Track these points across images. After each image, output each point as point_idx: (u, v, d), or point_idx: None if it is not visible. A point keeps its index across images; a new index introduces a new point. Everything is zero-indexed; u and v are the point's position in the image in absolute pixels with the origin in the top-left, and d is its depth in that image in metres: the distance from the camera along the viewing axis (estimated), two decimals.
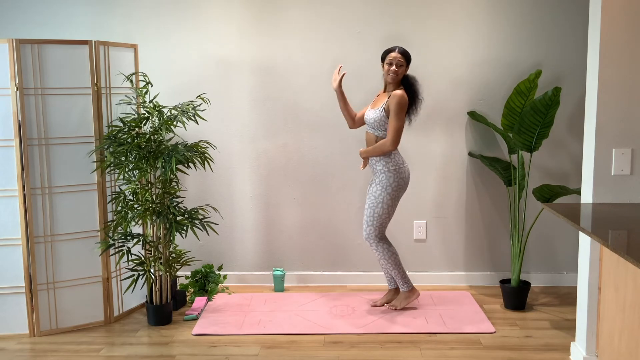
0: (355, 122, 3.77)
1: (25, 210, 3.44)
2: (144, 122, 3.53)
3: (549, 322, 3.65)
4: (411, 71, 4.11)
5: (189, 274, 4.21)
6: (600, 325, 2.75)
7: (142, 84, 3.77)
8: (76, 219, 3.56)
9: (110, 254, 3.66)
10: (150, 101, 3.60)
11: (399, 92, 3.50)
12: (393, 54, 3.52)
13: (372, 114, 3.58)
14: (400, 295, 3.78)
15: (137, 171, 3.51)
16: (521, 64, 4.10)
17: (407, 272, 3.82)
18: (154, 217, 3.54)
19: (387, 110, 3.53)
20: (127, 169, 3.48)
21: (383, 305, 3.81)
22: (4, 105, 3.39)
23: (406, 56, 3.54)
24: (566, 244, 4.25)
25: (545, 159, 4.17)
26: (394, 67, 3.51)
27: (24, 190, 3.43)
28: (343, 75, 3.61)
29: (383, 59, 3.58)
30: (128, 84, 3.68)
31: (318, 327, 3.56)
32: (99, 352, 3.31)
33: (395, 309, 3.75)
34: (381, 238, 3.65)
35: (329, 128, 4.18)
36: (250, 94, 4.21)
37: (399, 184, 3.58)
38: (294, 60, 4.16)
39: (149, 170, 3.52)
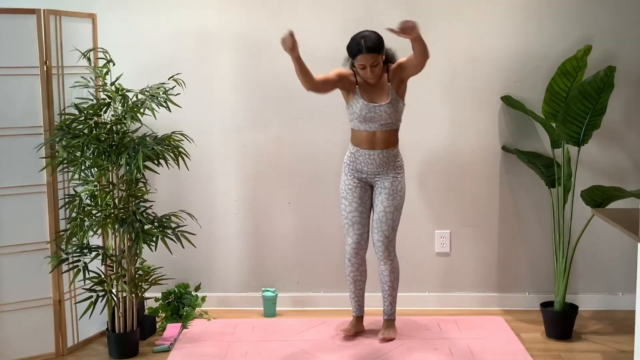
0: (315, 84, 3.54)
1: None
2: (104, 109, 3.53)
3: (601, 355, 3.64)
4: (431, 48, 4.12)
5: (159, 295, 4.20)
6: None
7: (101, 63, 3.76)
8: (21, 227, 3.55)
9: (63, 271, 3.66)
10: (112, 83, 3.59)
11: (394, 64, 3.61)
12: (362, 57, 3.48)
13: (386, 109, 3.57)
14: (391, 322, 3.85)
15: (96, 169, 3.51)
16: (567, 38, 4.09)
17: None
18: (116, 226, 3.54)
19: (396, 88, 3.59)
20: (83, 167, 3.47)
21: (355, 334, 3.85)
22: None
23: (378, 49, 3.50)
24: (622, 259, 4.25)
25: (597, 154, 4.17)
26: (368, 71, 3.50)
27: None
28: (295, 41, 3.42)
29: (351, 56, 3.54)
30: (84, 62, 3.67)
31: None
32: None
33: (393, 340, 3.79)
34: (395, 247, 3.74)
35: (331, 117, 4.18)
36: (236, 75, 4.20)
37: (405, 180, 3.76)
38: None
39: (110, 169, 3.51)
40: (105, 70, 3.62)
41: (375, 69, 3.51)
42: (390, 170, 3.67)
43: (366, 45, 3.46)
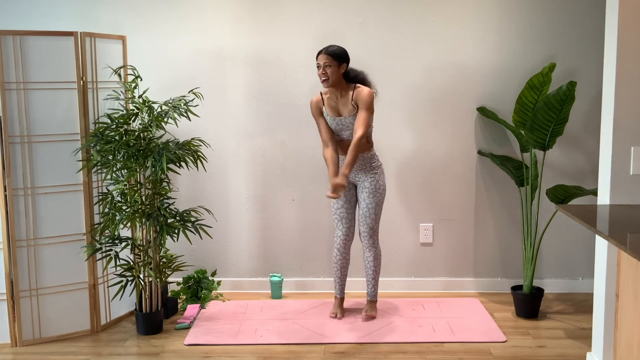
0: (333, 144, 3.67)
1: (7, 213, 3.44)
2: (132, 118, 3.53)
3: (564, 331, 3.65)
4: (417, 63, 4.11)
5: (180, 280, 4.21)
6: (618, 335, 2.75)
7: (130, 78, 3.77)
8: (61, 221, 3.56)
9: (97, 258, 3.66)
10: (140, 96, 3.60)
11: (366, 89, 3.54)
12: (319, 57, 3.53)
13: (349, 122, 3.59)
14: (373, 303, 3.84)
15: (126, 171, 3.51)
16: (534, 57, 4.10)
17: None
18: (143, 220, 3.54)
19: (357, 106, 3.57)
20: (114, 169, 3.48)
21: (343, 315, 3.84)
22: None
23: (334, 56, 3.50)
24: (582, 248, 4.25)
25: (560, 157, 4.17)
26: (321, 69, 3.52)
27: (5, 191, 3.43)
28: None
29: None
30: (116, 77, 3.68)
31: (318, 336, 3.57)
32: None
33: (374, 318, 3.79)
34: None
35: None
36: (246, 88, 4.21)
37: (384, 180, 3.74)
38: (292, 53, 4.16)
39: (138, 170, 3.52)
40: (134, 85, 3.62)
41: (328, 70, 3.50)
42: (368, 171, 3.67)
43: (325, 48, 3.54)
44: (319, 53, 3.54)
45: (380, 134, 4.09)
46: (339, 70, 3.54)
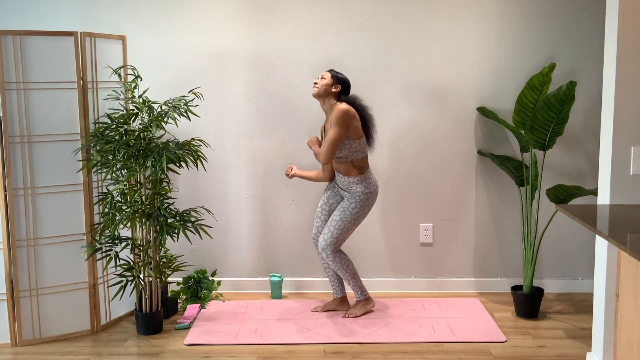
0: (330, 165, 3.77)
1: (7, 212, 3.44)
2: (132, 118, 3.53)
3: (564, 331, 3.65)
4: (418, 63, 4.12)
5: (180, 280, 4.21)
6: (618, 335, 2.75)
7: (130, 78, 3.77)
8: (61, 221, 3.56)
9: (97, 258, 3.66)
10: (140, 96, 3.59)
11: (340, 105, 3.56)
12: (324, 72, 3.69)
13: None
14: (357, 303, 3.84)
15: (126, 171, 3.51)
16: (534, 57, 4.10)
17: (361, 280, 3.90)
18: (143, 220, 3.54)
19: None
20: (114, 169, 3.48)
21: (324, 311, 3.88)
22: None
23: (333, 74, 3.63)
24: (582, 248, 4.25)
25: (560, 157, 4.17)
26: (316, 79, 3.65)
27: (5, 190, 3.43)
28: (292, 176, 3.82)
29: None
30: (116, 77, 3.68)
31: (318, 336, 3.56)
32: None
33: (356, 317, 3.79)
34: (338, 250, 3.72)
35: None
36: (246, 88, 4.21)
37: (369, 203, 3.72)
38: (293, 53, 4.16)
39: (138, 170, 3.51)
40: (133, 85, 3.62)
41: (320, 81, 3.62)
42: (348, 193, 3.71)
43: (331, 69, 3.68)
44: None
45: (380, 134, 4.09)
46: (331, 87, 3.62)
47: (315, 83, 3.64)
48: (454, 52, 4.13)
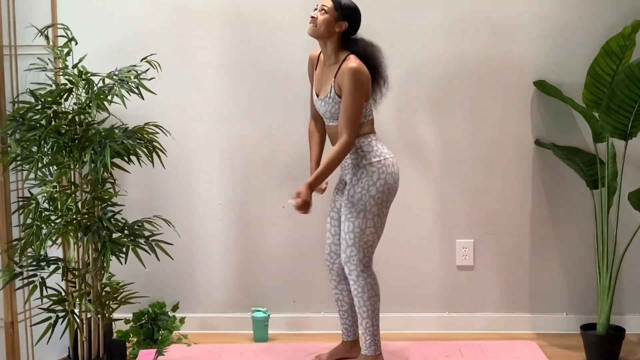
0: (323, 135, 3.79)
1: None
2: (65, 96, 3.52)
3: None
4: (446, 22, 4.10)
5: (130, 316, 4.20)
6: None
7: (62, 42, 3.75)
8: None
9: (17, 287, 3.65)
10: (75, 66, 3.59)
11: (352, 64, 3.51)
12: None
13: (323, 105, 3.63)
14: (362, 357, 3.75)
15: (55, 167, 3.50)
16: (612, 13, 4.10)
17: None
18: (79, 234, 3.53)
19: (338, 92, 3.56)
20: (40, 165, 3.46)
21: None
22: None
23: (336, 3, 3.53)
24: None
25: None
26: (314, 11, 3.56)
27: None
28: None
29: None
30: (42, 40, 3.66)
31: None
32: None
33: None
34: (366, 265, 3.65)
35: None
36: (220, 55, 4.21)
37: (386, 182, 3.59)
38: (282, 7, 4.17)
39: (72, 167, 3.51)
40: (66, 50, 3.61)
41: (320, 15, 3.52)
42: (355, 170, 3.62)
43: None
44: None
45: (397, 122, 4.08)
46: (334, 24, 3.55)
47: (313, 18, 3.56)
48: (501, 6, 4.13)
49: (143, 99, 3.69)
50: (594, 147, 4.07)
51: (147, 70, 3.72)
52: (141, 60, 3.78)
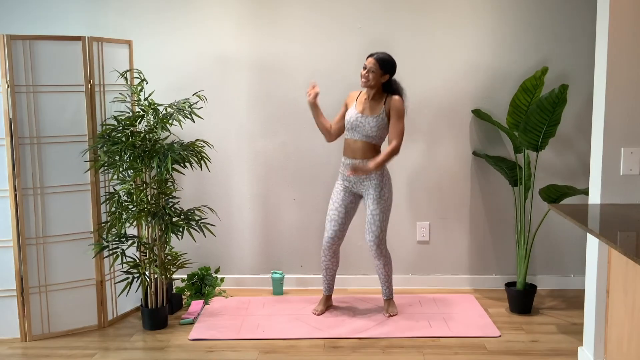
0: (332, 133, 3.77)
1: (17, 211, 3.44)
2: (138, 120, 3.53)
3: (556, 327, 3.65)
4: (415, 67, 4.12)
5: (185, 276, 4.21)
6: (609, 330, 2.75)
7: (136, 81, 3.77)
8: (69, 220, 3.56)
9: (104, 256, 3.66)
10: (145, 99, 3.60)
11: (397, 96, 3.57)
12: (368, 59, 3.56)
13: (372, 121, 3.57)
14: (391, 301, 3.80)
15: (132, 171, 3.51)
16: (527, 61, 4.10)
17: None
18: (149, 218, 3.54)
19: (388, 115, 3.57)
20: (121, 169, 3.48)
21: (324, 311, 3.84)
22: None
23: (381, 63, 3.52)
24: (573, 246, 4.25)
25: (552, 158, 4.17)
26: (364, 71, 3.55)
27: (15, 190, 3.43)
28: (317, 93, 3.62)
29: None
30: (122, 81, 3.68)
31: (318, 331, 3.57)
32: (93, 357, 3.31)
33: (395, 315, 3.78)
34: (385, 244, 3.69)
35: None
36: (248, 91, 4.21)
37: (389, 180, 3.71)
38: (293, 56, 4.16)
39: (144, 170, 3.52)
40: (139, 88, 3.62)
41: (369, 75, 3.52)
42: (373, 178, 3.62)
43: (377, 53, 3.56)
44: (370, 56, 3.57)
45: None
46: (381, 78, 3.56)
47: (366, 77, 3.53)
48: (450, 56, 4.13)
49: (194, 122, 3.72)
50: (514, 157, 4.08)
51: (197, 102, 3.75)
52: (193, 95, 3.80)
